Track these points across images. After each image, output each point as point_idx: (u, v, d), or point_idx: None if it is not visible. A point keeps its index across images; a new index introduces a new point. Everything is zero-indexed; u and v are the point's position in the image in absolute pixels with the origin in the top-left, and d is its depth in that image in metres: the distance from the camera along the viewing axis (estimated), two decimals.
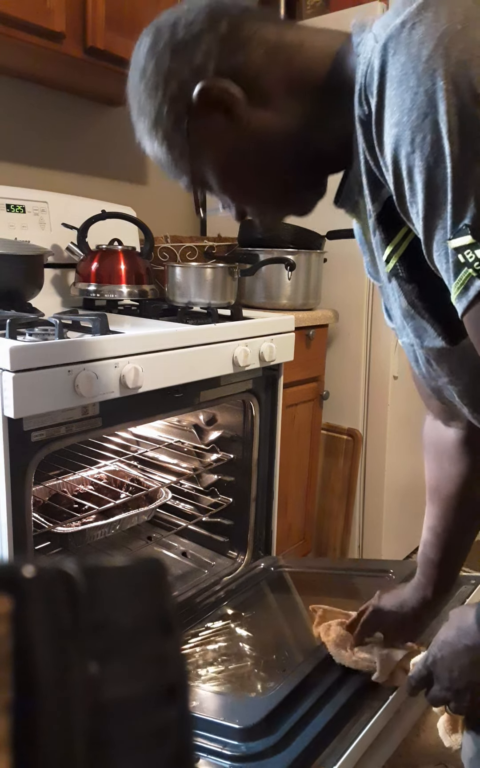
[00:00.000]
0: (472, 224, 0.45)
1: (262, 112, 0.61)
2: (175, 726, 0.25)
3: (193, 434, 1.69)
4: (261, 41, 0.61)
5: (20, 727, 0.21)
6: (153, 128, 0.64)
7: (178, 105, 0.62)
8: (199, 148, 0.64)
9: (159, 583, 0.26)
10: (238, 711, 0.90)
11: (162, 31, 0.62)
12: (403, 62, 0.46)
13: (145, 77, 0.63)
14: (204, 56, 0.60)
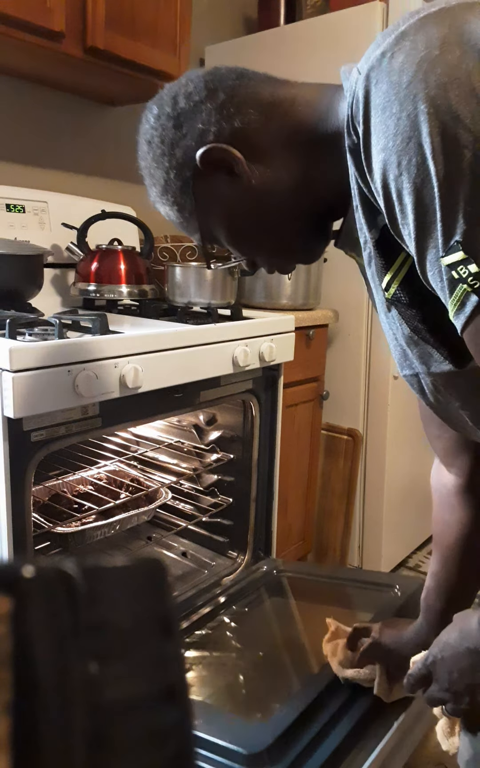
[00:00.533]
0: (463, 240, 0.46)
1: (263, 168, 0.65)
2: (175, 727, 0.25)
3: (193, 434, 1.69)
4: (256, 103, 0.65)
5: (20, 727, 0.21)
6: (163, 194, 0.70)
7: (184, 171, 0.67)
8: (206, 207, 0.69)
9: (159, 584, 0.26)
10: (243, 734, 0.88)
11: (164, 103, 0.68)
12: (385, 90, 0.49)
13: (152, 148, 0.68)
14: (204, 124, 0.65)
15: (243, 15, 2.37)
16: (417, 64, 0.47)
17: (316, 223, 0.69)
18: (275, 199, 0.66)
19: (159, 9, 1.60)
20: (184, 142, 0.66)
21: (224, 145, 0.65)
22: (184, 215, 0.70)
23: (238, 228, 0.70)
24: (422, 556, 2.28)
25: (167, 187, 0.69)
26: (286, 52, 1.98)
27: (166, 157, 0.68)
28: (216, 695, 1.05)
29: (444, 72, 0.46)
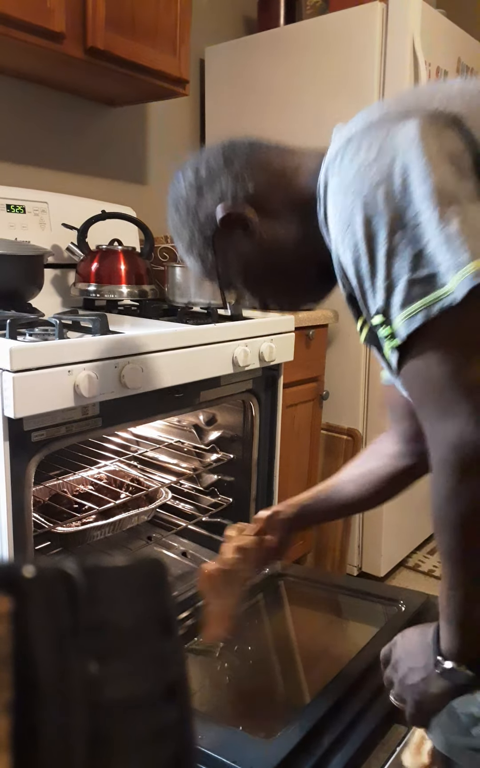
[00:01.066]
0: (383, 307, 0.58)
1: (273, 225, 0.77)
2: (175, 726, 0.25)
3: (193, 434, 1.69)
4: (266, 171, 0.77)
5: (20, 727, 0.21)
6: (189, 249, 0.82)
7: (206, 229, 0.79)
8: (225, 259, 0.80)
9: (159, 584, 0.26)
10: (245, 753, 0.88)
11: (187, 173, 0.81)
12: (336, 183, 0.63)
13: (179, 212, 0.81)
14: (223, 189, 0.77)
15: (243, 15, 2.37)
16: (359, 165, 0.60)
17: (319, 271, 0.77)
18: (283, 251, 0.78)
19: (159, 9, 1.60)
20: (206, 206, 0.78)
21: (240, 207, 0.76)
22: (207, 266, 0.82)
23: (253, 275, 0.81)
24: (422, 555, 2.28)
25: (192, 243, 0.81)
26: (286, 52, 1.98)
27: (190, 219, 0.80)
28: (216, 705, 1.05)
29: (378, 173, 0.58)
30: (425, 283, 0.55)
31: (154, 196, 2.15)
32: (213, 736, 0.90)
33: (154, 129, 2.12)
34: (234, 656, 1.18)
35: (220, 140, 0.80)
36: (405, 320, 0.56)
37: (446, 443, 0.57)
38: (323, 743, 0.89)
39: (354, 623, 1.30)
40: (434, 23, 1.86)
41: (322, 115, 1.92)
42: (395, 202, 0.56)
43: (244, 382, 1.45)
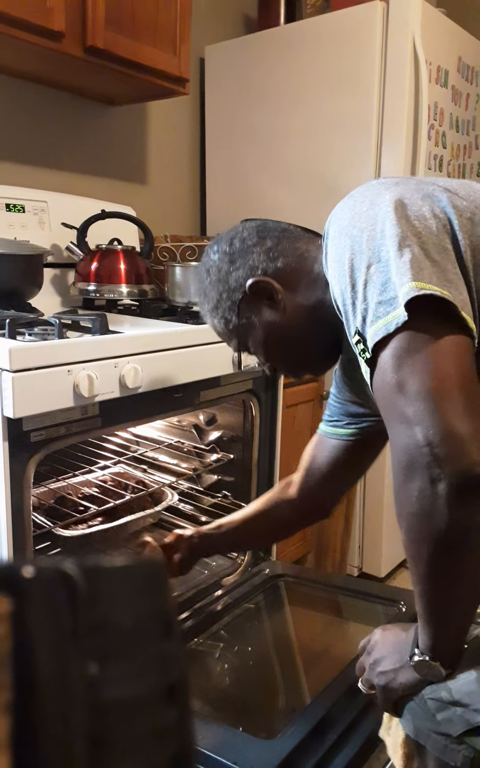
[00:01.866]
0: (359, 327, 0.68)
1: (294, 300, 0.86)
2: (175, 726, 0.25)
3: (193, 434, 1.68)
4: (292, 253, 0.87)
5: (20, 727, 0.21)
6: (214, 309, 0.90)
7: (234, 293, 0.87)
8: (247, 324, 0.89)
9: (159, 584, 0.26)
10: (245, 753, 0.88)
11: (222, 244, 0.89)
12: (333, 230, 0.76)
13: (210, 275, 0.90)
14: (254, 262, 0.86)
15: (243, 15, 2.37)
16: (353, 214, 0.73)
17: (328, 346, 0.88)
18: (301, 324, 0.86)
19: (159, 9, 1.60)
20: (236, 274, 0.87)
21: (270, 279, 0.85)
22: (229, 328, 0.90)
23: (269, 341, 0.89)
24: None
25: (218, 305, 0.89)
26: (286, 52, 1.98)
27: (220, 283, 0.88)
28: (216, 706, 1.04)
29: (366, 221, 0.70)
30: (387, 304, 0.64)
31: (154, 196, 2.15)
32: (213, 736, 0.90)
33: (154, 128, 2.12)
34: (234, 656, 1.18)
35: (251, 221, 0.92)
36: (372, 336, 0.65)
37: (397, 447, 0.61)
38: (323, 743, 0.89)
39: (354, 623, 1.30)
40: (435, 22, 1.86)
41: (322, 114, 1.92)
42: (375, 242, 0.68)
43: (244, 382, 1.45)
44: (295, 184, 2.02)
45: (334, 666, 1.06)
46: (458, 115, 2.06)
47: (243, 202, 2.15)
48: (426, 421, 0.58)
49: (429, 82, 1.85)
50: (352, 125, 1.87)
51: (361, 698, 0.97)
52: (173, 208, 2.23)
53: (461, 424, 0.58)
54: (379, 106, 1.83)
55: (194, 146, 2.28)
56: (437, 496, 0.58)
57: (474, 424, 0.58)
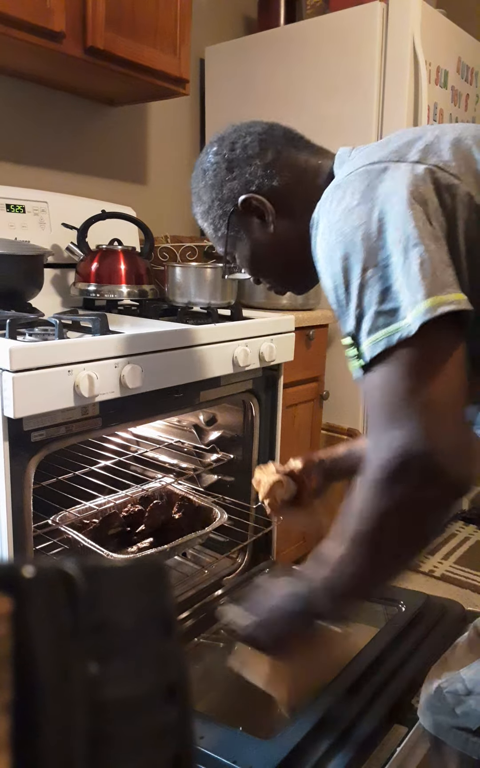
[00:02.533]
0: (352, 332, 0.67)
1: (286, 222, 0.85)
2: (175, 726, 0.25)
3: (193, 434, 1.69)
4: (293, 168, 0.84)
5: (20, 727, 0.21)
6: (205, 213, 0.91)
7: (226, 204, 0.87)
8: (235, 236, 0.89)
9: (159, 584, 0.26)
10: (245, 753, 0.88)
11: (224, 145, 0.87)
12: (324, 223, 0.72)
13: (205, 178, 0.88)
14: (250, 176, 0.85)
15: (243, 15, 2.37)
16: (343, 209, 0.69)
17: (313, 267, 0.83)
18: (288, 247, 0.86)
19: (159, 9, 1.60)
20: (231, 184, 0.86)
21: (262, 197, 0.84)
22: (217, 235, 0.91)
23: (255, 257, 0.90)
24: (422, 556, 2.28)
25: (209, 210, 0.89)
26: (286, 52, 1.98)
27: (214, 190, 0.87)
28: (216, 706, 1.04)
29: (358, 218, 0.67)
30: (389, 315, 0.63)
31: (154, 196, 2.15)
32: (213, 736, 0.90)
33: (154, 129, 2.12)
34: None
35: (260, 121, 0.88)
36: (370, 345, 0.65)
37: (389, 449, 0.62)
38: (323, 743, 0.89)
39: (354, 623, 1.30)
40: (434, 23, 1.86)
41: (322, 115, 1.92)
42: (370, 242, 0.65)
43: (244, 382, 1.45)
44: None
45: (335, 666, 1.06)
46: (458, 115, 2.06)
47: None
48: (415, 434, 0.61)
49: (428, 83, 1.85)
50: (351, 126, 1.87)
51: (360, 698, 0.97)
52: (173, 209, 2.23)
53: (446, 442, 0.61)
54: (378, 106, 1.83)
55: (194, 146, 2.28)
56: (417, 501, 0.63)
57: (458, 441, 0.63)
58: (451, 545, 2.37)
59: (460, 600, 1.26)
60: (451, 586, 2.09)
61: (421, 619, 1.17)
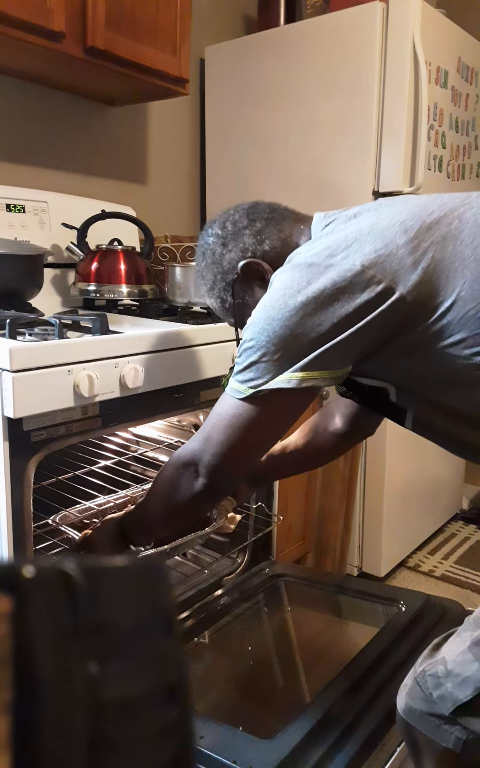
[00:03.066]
0: (232, 364, 0.86)
1: None
2: (175, 726, 0.25)
3: (193, 434, 1.68)
4: (277, 236, 0.93)
5: (20, 727, 0.21)
6: (211, 290, 0.99)
7: (228, 275, 0.95)
8: (241, 303, 0.97)
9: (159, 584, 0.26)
10: (245, 753, 0.88)
11: (215, 227, 0.96)
12: (264, 299, 0.81)
13: (205, 259, 0.97)
14: (245, 244, 0.93)
15: (243, 15, 2.37)
16: (269, 298, 0.80)
17: None
18: None
19: (159, 9, 1.60)
20: (229, 256, 0.94)
21: (259, 260, 0.92)
22: (224, 306, 0.99)
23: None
24: (422, 555, 2.28)
25: (214, 286, 0.98)
26: (286, 52, 1.98)
27: (215, 266, 0.96)
28: (216, 706, 1.04)
29: (275, 306, 0.78)
30: (253, 379, 0.80)
31: (154, 196, 2.15)
32: (213, 736, 0.90)
33: (154, 129, 2.12)
34: (234, 656, 1.18)
35: (243, 203, 0.98)
36: (233, 387, 0.82)
37: (193, 450, 0.87)
38: (323, 743, 0.89)
39: (354, 623, 1.31)
40: (434, 23, 1.86)
41: (321, 115, 1.92)
42: (264, 323, 0.79)
43: None
44: (295, 184, 2.02)
45: (334, 666, 1.06)
46: (458, 115, 2.06)
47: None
48: (214, 454, 0.85)
49: (429, 83, 1.85)
50: (351, 126, 1.87)
51: (360, 698, 0.97)
52: (173, 208, 2.23)
53: (225, 471, 0.87)
54: (378, 106, 1.83)
55: (194, 146, 2.28)
56: (194, 487, 0.88)
57: (233, 475, 0.89)
58: (451, 545, 2.37)
59: (460, 600, 1.26)
60: (451, 586, 2.09)
61: (421, 619, 1.17)
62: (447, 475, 2.42)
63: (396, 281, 0.74)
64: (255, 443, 0.86)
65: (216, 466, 0.85)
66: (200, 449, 0.86)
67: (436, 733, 0.78)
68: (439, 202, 0.81)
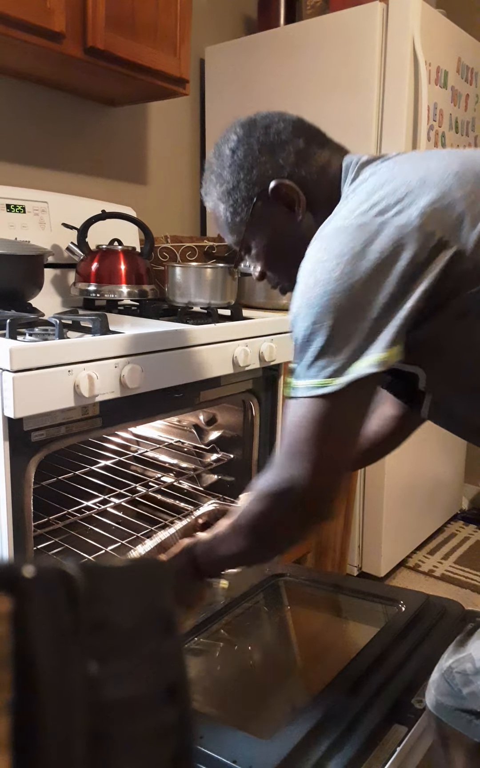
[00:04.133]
0: (293, 366, 0.73)
1: (310, 214, 0.82)
2: (175, 726, 0.25)
3: (193, 434, 1.69)
4: (319, 163, 0.82)
5: (20, 727, 0.21)
6: (226, 195, 0.85)
7: (253, 187, 0.82)
8: (256, 224, 0.84)
9: (159, 584, 0.26)
10: (245, 753, 0.87)
11: (257, 127, 0.82)
12: (305, 267, 0.72)
13: (234, 157, 0.83)
14: (283, 161, 0.81)
15: (243, 15, 2.37)
16: (315, 262, 0.70)
17: None
18: (307, 238, 0.79)
19: (159, 9, 1.60)
20: (263, 168, 0.81)
21: (295, 186, 0.81)
22: (235, 220, 0.86)
23: (272, 249, 0.86)
24: (422, 555, 2.28)
25: (231, 193, 0.84)
26: (286, 52, 1.98)
27: (243, 171, 0.82)
28: (216, 706, 1.04)
29: (332, 278, 0.68)
30: (323, 368, 0.68)
31: (154, 196, 2.15)
32: (213, 736, 0.90)
33: (154, 129, 2.12)
34: (234, 656, 1.18)
35: (286, 112, 0.85)
36: (301, 387, 0.70)
37: (280, 473, 0.72)
38: (323, 743, 0.89)
39: (354, 623, 1.30)
40: (434, 23, 1.86)
41: (321, 115, 1.92)
42: (322, 300, 0.68)
43: (244, 382, 1.45)
44: None
45: (334, 666, 1.06)
46: (458, 116, 2.06)
47: None
48: (305, 474, 0.71)
49: (428, 83, 1.85)
50: (351, 126, 1.87)
51: (360, 698, 0.97)
52: (173, 209, 2.23)
53: (321, 489, 0.73)
54: (378, 107, 1.83)
55: (194, 146, 2.28)
56: (298, 517, 0.74)
57: (331, 491, 0.74)
58: (451, 545, 2.37)
59: (460, 600, 1.26)
60: (451, 586, 2.09)
61: (421, 619, 1.17)
62: (447, 475, 2.42)
63: (455, 236, 0.67)
64: (348, 441, 0.74)
65: (316, 483, 0.72)
66: (289, 473, 0.72)
67: (468, 728, 0.79)
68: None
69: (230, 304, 1.50)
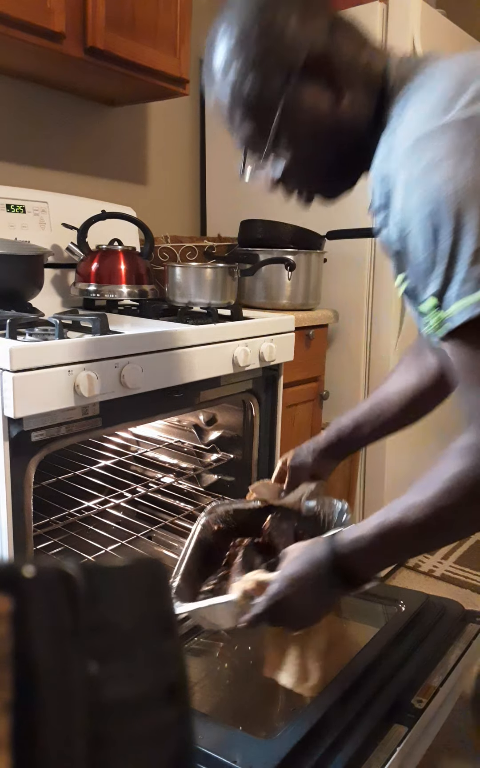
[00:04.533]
0: (439, 292, 0.61)
1: (350, 99, 0.68)
2: (174, 726, 0.25)
3: (193, 434, 1.69)
4: (356, 40, 0.69)
5: (20, 727, 0.21)
6: (249, 67, 0.67)
7: (288, 57, 0.66)
8: (284, 104, 0.68)
9: (159, 584, 0.26)
10: (245, 753, 0.87)
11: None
12: (405, 177, 0.60)
13: (263, 16, 0.66)
14: (317, 30, 0.66)
15: None
16: (427, 162, 0.58)
17: (356, 166, 0.73)
18: (344, 130, 0.69)
19: (159, 9, 1.60)
20: (297, 34, 0.66)
21: (332, 57, 0.66)
22: (253, 101, 0.69)
23: (299, 141, 0.71)
24: (422, 555, 2.28)
25: (256, 65, 0.66)
26: None
27: (270, 39, 0.65)
28: (216, 706, 1.04)
29: (445, 172, 0.57)
30: (475, 282, 0.57)
31: (154, 196, 2.16)
32: (213, 736, 0.90)
33: (154, 129, 2.12)
34: (234, 656, 1.18)
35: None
36: (459, 310, 0.58)
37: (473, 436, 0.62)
38: (323, 743, 0.89)
39: (354, 623, 1.30)
40: (434, 23, 1.86)
41: None
42: (459, 197, 0.56)
43: (244, 382, 1.45)
44: None
45: (334, 666, 1.06)
46: None
47: (243, 203, 2.15)
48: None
49: None
50: None
51: (360, 698, 0.97)
52: (173, 209, 2.23)
53: None
54: None
55: (194, 146, 2.28)
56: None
57: None
58: (450, 545, 2.37)
59: (460, 600, 1.26)
60: (451, 586, 2.09)
61: (421, 619, 1.17)
62: None
63: None
64: None
65: None
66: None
67: None
68: None
69: (230, 304, 1.50)
